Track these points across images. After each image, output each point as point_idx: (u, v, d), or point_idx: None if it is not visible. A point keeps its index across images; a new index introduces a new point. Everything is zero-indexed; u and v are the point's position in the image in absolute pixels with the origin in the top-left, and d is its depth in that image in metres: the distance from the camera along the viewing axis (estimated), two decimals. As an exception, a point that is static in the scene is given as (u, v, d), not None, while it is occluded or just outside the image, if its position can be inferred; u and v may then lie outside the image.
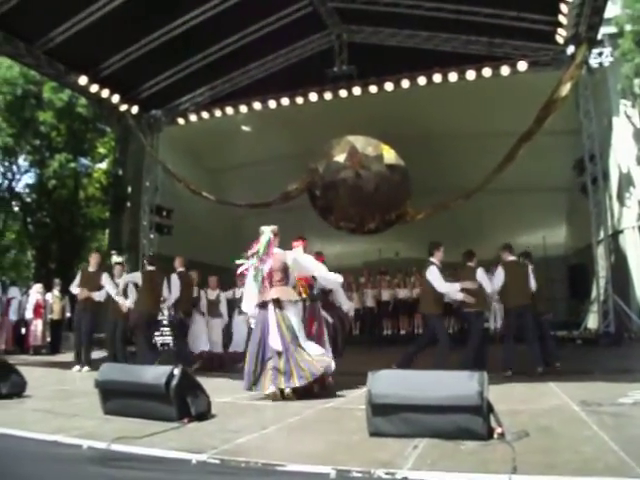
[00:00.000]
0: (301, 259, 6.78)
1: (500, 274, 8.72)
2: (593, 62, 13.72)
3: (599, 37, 13.56)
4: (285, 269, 6.43)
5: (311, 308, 7.11)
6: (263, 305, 6.31)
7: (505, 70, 14.41)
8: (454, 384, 3.78)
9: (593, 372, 7.77)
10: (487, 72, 14.55)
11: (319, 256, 7.91)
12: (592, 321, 14.55)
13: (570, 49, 13.43)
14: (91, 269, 10.16)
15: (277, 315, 6.15)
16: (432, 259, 8.44)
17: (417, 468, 3.02)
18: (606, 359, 10.54)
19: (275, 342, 6.02)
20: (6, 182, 21.01)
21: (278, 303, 6.21)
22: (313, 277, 7.11)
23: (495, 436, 3.66)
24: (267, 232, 6.63)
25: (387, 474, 2.94)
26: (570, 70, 12.72)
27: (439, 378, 4.01)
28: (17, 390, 5.95)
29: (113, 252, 18.99)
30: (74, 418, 4.78)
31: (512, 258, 9.01)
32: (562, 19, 12.52)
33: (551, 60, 14.19)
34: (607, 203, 14.56)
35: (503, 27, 13.61)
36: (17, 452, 3.93)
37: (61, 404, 5.65)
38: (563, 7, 12.09)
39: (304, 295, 6.94)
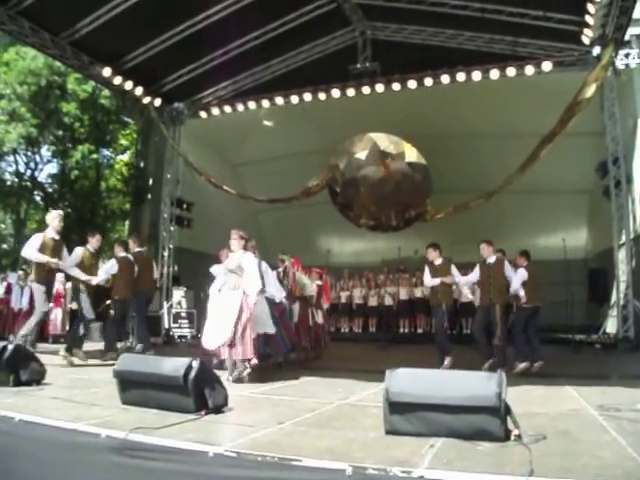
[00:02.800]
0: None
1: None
2: (619, 63, 13.57)
3: (626, 38, 13.39)
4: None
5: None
6: None
7: (529, 70, 14.29)
8: (472, 384, 3.77)
9: (612, 377, 7.72)
10: (511, 71, 14.43)
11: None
12: (611, 325, 14.39)
13: (596, 50, 13.29)
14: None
15: None
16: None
17: (433, 467, 3.02)
18: (625, 364, 10.45)
19: None
20: (29, 172, 21.21)
21: None
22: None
23: (512, 438, 3.65)
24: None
25: (403, 472, 2.94)
26: (595, 71, 12.60)
27: (457, 378, 4.00)
28: (36, 377, 6.03)
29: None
30: (93, 407, 4.82)
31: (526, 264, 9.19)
32: (589, 19, 12.39)
33: (576, 61, 14.07)
34: (629, 207, 14.37)
35: (528, 26, 13.49)
36: (36, 439, 3.97)
37: (80, 393, 5.70)
38: (590, 7, 11.97)
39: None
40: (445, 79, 14.94)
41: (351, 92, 15.80)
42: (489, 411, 3.64)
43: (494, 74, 14.57)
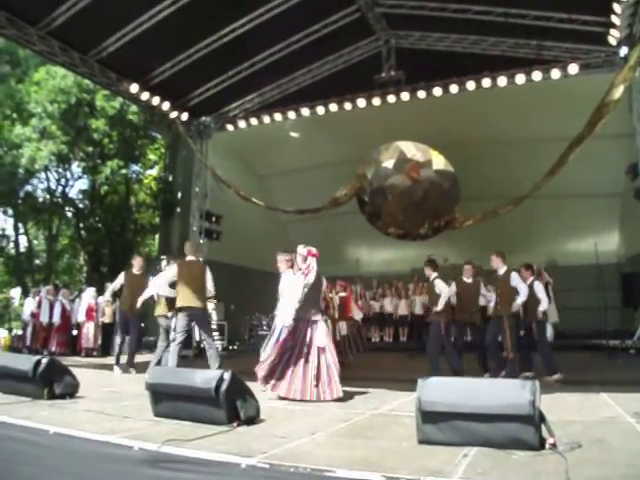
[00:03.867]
0: None
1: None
2: (647, 64, 13.41)
3: (654, 38, 13.24)
4: None
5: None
6: None
7: (556, 73, 14.17)
8: (506, 393, 3.72)
9: (648, 383, 7.57)
10: (537, 76, 14.32)
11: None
12: (646, 330, 14.14)
13: (623, 50, 13.14)
14: (136, 272, 10.29)
15: None
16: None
17: (467, 477, 2.99)
18: (661, 369, 10.25)
19: None
20: (60, 188, 21.53)
21: None
22: None
23: (547, 446, 3.60)
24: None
25: (437, 482, 2.91)
26: (623, 72, 12.43)
27: (490, 386, 3.96)
28: (70, 391, 6.11)
29: (163, 257, 19.27)
30: (125, 420, 4.86)
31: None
32: (615, 19, 12.27)
33: (603, 62, 13.92)
34: (662, 209, 14.17)
35: (553, 29, 13.39)
36: (70, 451, 4.02)
37: (112, 405, 5.75)
38: (616, 7, 11.86)
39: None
40: (470, 85, 14.89)
41: (377, 101, 15.82)
42: (523, 419, 3.59)
43: (520, 79, 14.47)
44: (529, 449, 3.54)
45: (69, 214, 22.64)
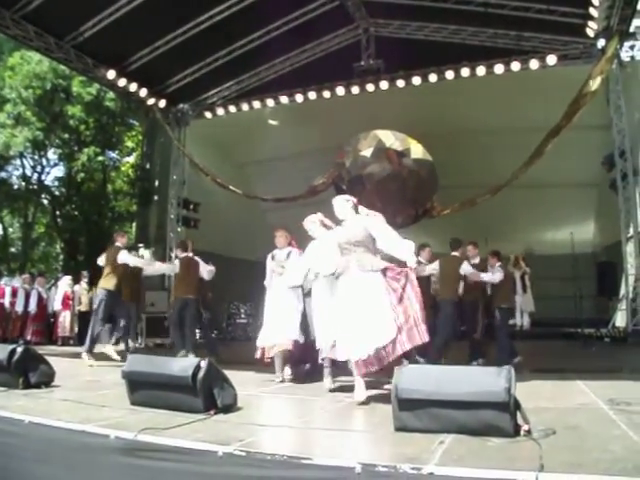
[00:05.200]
0: None
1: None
2: (624, 56, 13.54)
3: (631, 30, 13.33)
4: None
5: None
6: None
7: (534, 64, 14.26)
8: (481, 380, 3.75)
9: (621, 371, 7.68)
10: (516, 66, 14.39)
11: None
12: (620, 319, 14.33)
13: (601, 42, 13.23)
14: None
15: None
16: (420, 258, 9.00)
17: (443, 464, 3.00)
18: (635, 357, 10.41)
19: None
20: (35, 175, 21.29)
21: None
22: None
23: (522, 433, 3.63)
24: None
25: (413, 469, 2.92)
26: (600, 64, 12.55)
27: (466, 373, 3.99)
28: (46, 380, 6.04)
29: (140, 245, 19.15)
30: (102, 408, 4.82)
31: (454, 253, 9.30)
32: (593, 11, 12.35)
33: (581, 54, 14.03)
34: (637, 199, 14.29)
35: (532, 20, 13.43)
36: (46, 441, 3.98)
37: (89, 394, 5.71)
38: (594, -1, 11.94)
39: None
40: (449, 75, 14.94)
41: (356, 90, 15.81)
42: (498, 406, 3.62)
43: (499, 69, 14.53)
44: (504, 436, 3.57)
45: (45, 201, 22.43)
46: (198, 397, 4.48)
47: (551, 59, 14.12)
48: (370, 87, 15.62)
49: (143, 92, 16.00)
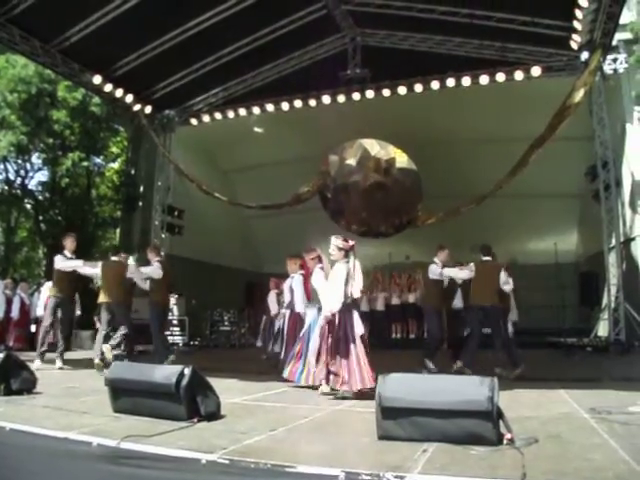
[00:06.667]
0: None
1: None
2: (607, 68, 13.68)
3: (614, 43, 13.50)
4: None
5: None
6: None
7: (519, 75, 14.38)
8: (464, 389, 3.77)
9: (603, 380, 7.74)
10: (501, 77, 14.50)
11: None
12: (602, 329, 14.46)
13: (584, 55, 13.37)
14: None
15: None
16: (435, 259, 9.27)
17: (426, 472, 3.02)
18: (616, 367, 10.48)
19: None
20: (19, 180, 21.09)
21: None
22: None
23: (504, 442, 3.66)
24: None
25: (396, 477, 2.94)
26: (584, 76, 12.68)
27: (449, 382, 4.02)
28: (27, 386, 5.99)
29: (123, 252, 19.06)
30: (84, 415, 4.80)
31: (487, 258, 9.14)
32: (576, 25, 12.48)
33: (565, 66, 14.15)
34: (619, 210, 14.48)
35: (517, 32, 13.55)
36: (28, 448, 3.96)
37: (71, 401, 5.67)
38: (578, 13, 12.04)
39: None
40: (435, 85, 15.01)
41: (341, 98, 15.83)
42: (481, 415, 3.65)
43: (484, 80, 14.64)
44: (487, 444, 3.59)
45: (28, 206, 22.21)
46: (181, 405, 4.48)
47: (535, 70, 14.25)
48: (356, 96, 15.65)
49: (129, 98, 15.95)
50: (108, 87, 15.21)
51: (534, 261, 17.92)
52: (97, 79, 14.80)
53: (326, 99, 15.96)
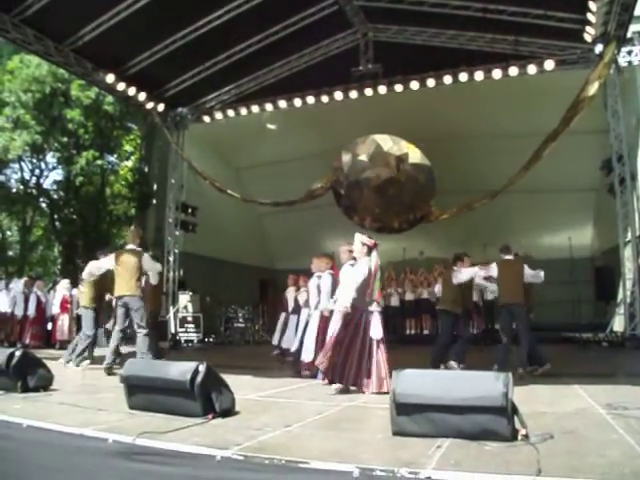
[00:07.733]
0: None
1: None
2: (622, 61, 13.58)
3: (628, 35, 13.37)
4: None
5: None
6: None
7: (532, 69, 14.28)
8: (479, 385, 3.76)
9: (619, 375, 7.69)
10: (514, 71, 14.42)
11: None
12: (618, 324, 14.36)
13: (598, 47, 13.27)
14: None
15: None
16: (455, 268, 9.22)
17: (441, 468, 3.01)
18: (632, 362, 10.42)
19: None
20: (34, 179, 21.25)
21: None
22: None
23: (519, 438, 3.64)
24: None
25: (410, 473, 2.93)
26: (598, 69, 12.58)
27: (464, 378, 4.00)
28: (44, 383, 6.04)
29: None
30: (100, 412, 4.83)
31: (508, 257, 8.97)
32: (590, 17, 12.37)
33: (578, 59, 14.05)
34: (635, 204, 14.34)
35: (530, 25, 13.48)
36: (44, 444, 3.98)
37: (87, 398, 5.71)
38: (592, 5, 11.95)
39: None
40: (447, 80, 14.96)
41: (354, 94, 15.82)
42: (496, 411, 3.63)
43: (497, 74, 14.56)
44: (502, 440, 3.58)
45: (43, 205, 22.36)
46: (196, 401, 4.49)
47: (549, 64, 14.15)
48: (368, 91, 15.62)
49: (142, 96, 16.01)
50: (121, 86, 15.29)
51: (549, 256, 17.74)
52: (110, 78, 14.87)
53: (338, 95, 15.95)
